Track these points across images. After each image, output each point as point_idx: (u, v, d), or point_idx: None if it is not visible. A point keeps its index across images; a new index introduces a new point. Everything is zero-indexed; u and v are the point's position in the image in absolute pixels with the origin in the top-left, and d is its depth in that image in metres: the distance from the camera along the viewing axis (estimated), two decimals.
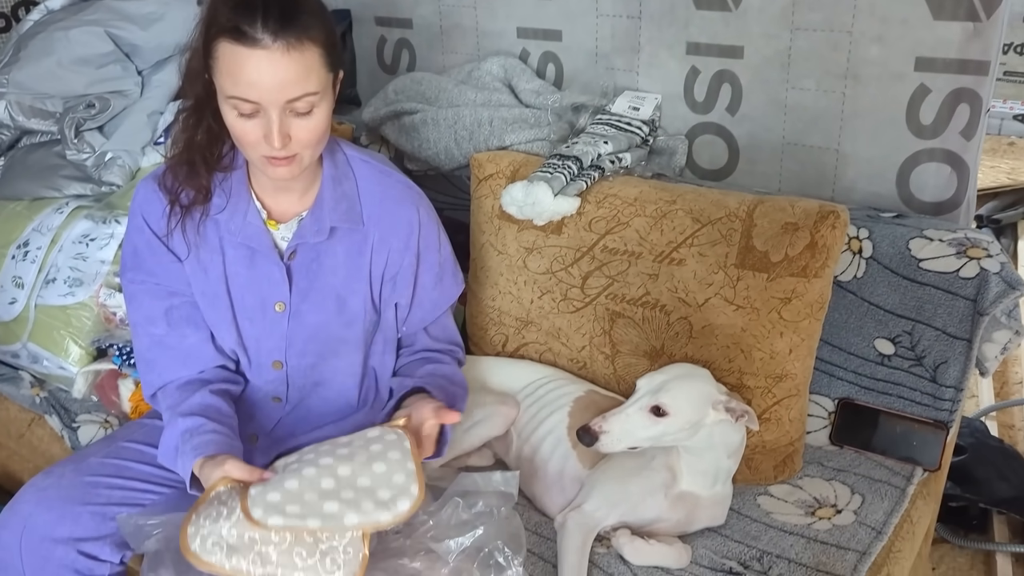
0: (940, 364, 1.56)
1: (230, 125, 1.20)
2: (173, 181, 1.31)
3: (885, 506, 1.48)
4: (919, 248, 1.56)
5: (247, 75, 1.13)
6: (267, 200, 1.35)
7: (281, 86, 1.14)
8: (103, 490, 1.30)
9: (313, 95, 1.17)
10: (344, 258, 1.36)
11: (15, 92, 1.97)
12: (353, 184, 1.37)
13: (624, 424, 1.34)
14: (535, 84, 2.06)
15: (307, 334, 1.38)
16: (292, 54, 1.13)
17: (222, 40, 1.14)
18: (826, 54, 1.72)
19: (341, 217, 1.34)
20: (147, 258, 1.35)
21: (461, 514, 1.24)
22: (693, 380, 1.40)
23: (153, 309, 1.36)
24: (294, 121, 1.18)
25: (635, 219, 1.65)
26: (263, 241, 1.33)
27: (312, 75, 1.16)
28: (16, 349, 1.87)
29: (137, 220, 1.35)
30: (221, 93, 1.18)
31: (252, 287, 1.35)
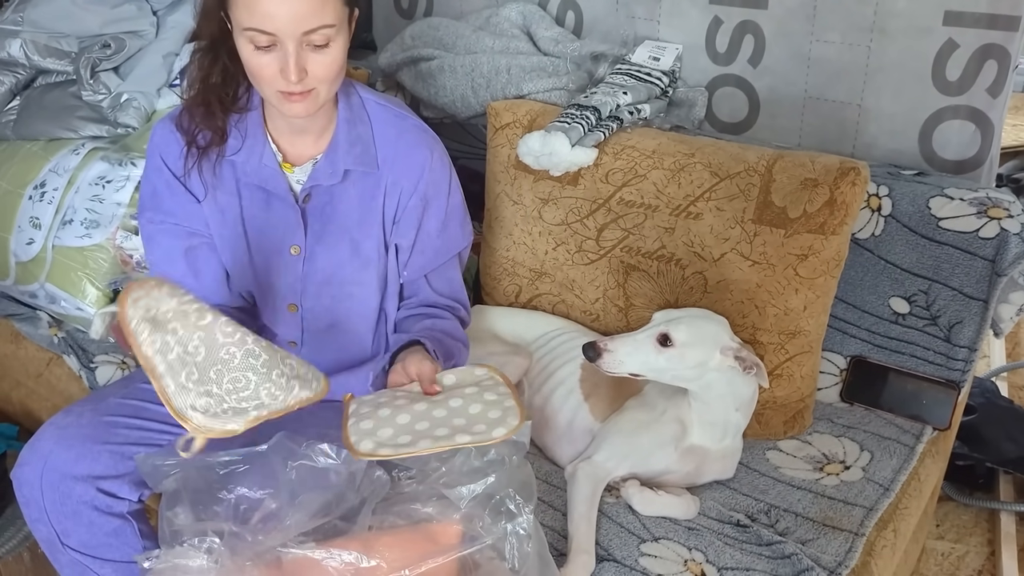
0: (955, 324, 1.56)
1: (246, 60, 1.20)
2: (190, 122, 1.31)
3: (893, 463, 1.49)
4: (939, 207, 1.55)
5: (264, 5, 1.13)
6: (283, 143, 1.35)
7: (297, 17, 1.14)
8: (121, 430, 1.31)
9: (329, 27, 1.17)
10: (358, 201, 1.36)
11: (30, 30, 1.96)
12: (368, 127, 1.36)
13: (629, 347, 1.35)
14: (554, 32, 2.03)
15: (321, 277, 1.38)
16: None
17: None
18: (852, 6, 1.68)
19: (355, 160, 1.34)
20: (166, 198, 1.35)
21: (473, 462, 1.26)
22: (707, 321, 1.40)
23: (172, 249, 1.37)
24: (310, 55, 1.18)
25: (652, 172, 1.64)
26: (278, 183, 1.33)
27: (328, 7, 1.16)
28: (34, 289, 1.89)
29: (155, 160, 1.36)
30: (237, 26, 1.17)
31: (268, 230, 1.36)
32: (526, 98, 1.90)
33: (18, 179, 1.92)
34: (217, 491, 1.22)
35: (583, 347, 1.37)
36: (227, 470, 1.23)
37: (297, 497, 1.20)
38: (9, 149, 1.99)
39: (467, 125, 2.09)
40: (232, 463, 1.24)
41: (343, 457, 1.20)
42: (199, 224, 1.36)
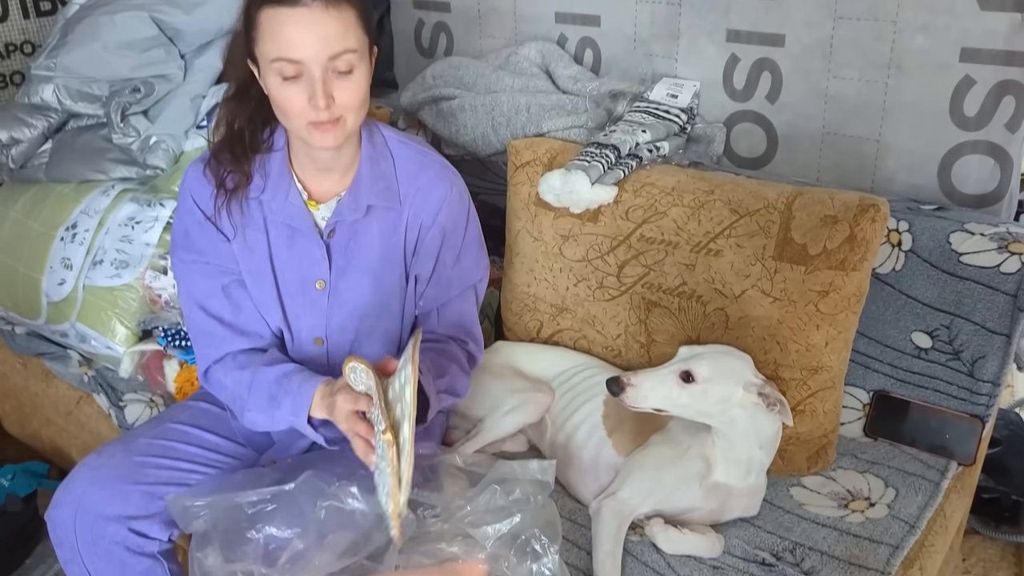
0: (978, 359, 1.56)
1: (274, 95, 1.24)
2: (218, 165, 1.36)
3: (919, 500, 1.48)
4: (960, 242, 1.55)
5: (289, 34, 1.19)
6: (308, 181, 1.39)
7: (322, 41, 1.19)
8: (151, 470, 1.34)
9: (352, 52, 1.22)
10: (380, 236, 1.39)
11: (63, 76, 2.01)
12: (390, 164, 1.40)
13: (653, 382, 1.36)
14: (573, 70, 2.06)
15: (346, 311, 1.41)
16: (330, 11, 1.19)
17: (264, 7, 1.20)
18: (869, 43, 1.70)
19: (378, 196, 1.37)
20: (198, 238, 1.39)
21: (498, 501, 1.27)
22: (731, 358, 1.41)
23: (208, 287, 1.40)
24: (336, 82, 1.23)
25: (672, 208, 1.65)
26: (304, 220, 1.37)
27: (350, 32, 1.21)
28: (65, 328, 1.92)
29: (187, 201, 1.39)
30: (264, 60, 1.23)
31: (294, 265, 1.39)
32: (546, 136, 1.93)
33: (50, 221, 1.97)
34: (246, 531, 1.24)
35: (607, 382, 1.39)
36: (255, 509, 1.25)
37: (325, 537, 1.22)
38: (41, 191, 2.04)
39: (487, 161, 2.12)
40: (260, 502, 1.26)
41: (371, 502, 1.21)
42: (230, 262, 1.39)
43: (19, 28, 2.30)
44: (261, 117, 1.35)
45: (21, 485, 2.00)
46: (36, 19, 2.31)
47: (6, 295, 2.04)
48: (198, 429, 1.43)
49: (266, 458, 1.44)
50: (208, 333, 1.40)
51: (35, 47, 2.32)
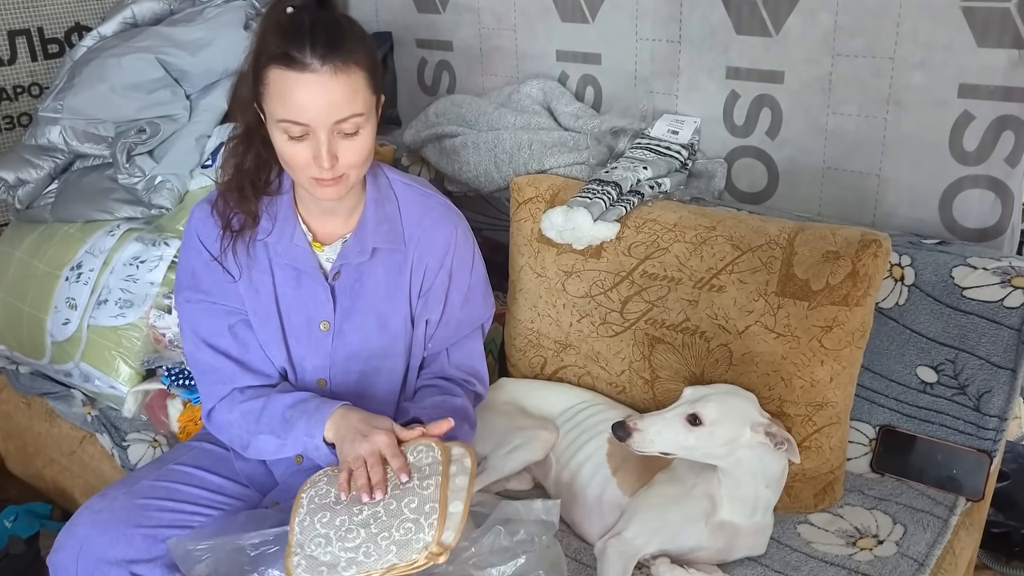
0: (984, 393, 1.55)
1: (280, 149, 1.25)
2: (224, 206, 1.36)
3: (927, 537, 1.47)
4: (962, 276, 1.55)
5: (297, 98, 1.19)
6: (313, 223, 1.39)
7: (330, 107, 1.19)
8: (154, 512, 1.33)
9: (359, 116, 1.22)
10: (385, 278, 1.40)
11: (69, 117, 2.03)
12: (395, 206, 1.41)
13: (659, 426, 1.36)
14: (574, 107, 2.08)
15: (349, 352, 1.41)
16: (339, 77, 1.19)
17: (272, 67, 1.19)
18: (868, 80, 1.72)
19: (383, 238, 1.38)
20: (204, 278, 1.39)
21: (503, 542, 1.26)
22: (736, 398, 1.40)
23: (215, 326, 1.40)
24: (341, 142, 1.23)
25: (675, 244, 1.66)
26: (309, 262, 1.37)
27: (358, 97, 1.21)
28: (69, 368, 1.93)
29: (193, 241, 1.40)
30: (271, 118, 1.23)
31: (298, 306, 1.39)
32: (548, 173, 1.94)
33: (55, 260, 1.98)
34: (248, 573, 1.23)
35: (612, 427, 1.38)
36: (258, 551, 1.24)
37: None
38: (47, 231, 2.06)
39: (490, 198, 2.13)
40: (263, 544, 1.25)
41: None
42: (236, 302, 1.40)
43: (27, 70, 2.33)
44: (267, 159, 1.35)
45: (23, 526, 1.99)
46: (44, 61, 2.34)
47: (11, 335, 2.05)
48: (201, 470, 1.42)
49: (269, 499, 1.43)
50: (216, 370, 1.40)
51: (42, 89, 2.35)
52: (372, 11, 2.51)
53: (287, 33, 1.19)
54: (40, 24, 2.32)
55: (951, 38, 1.60)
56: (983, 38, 1.57)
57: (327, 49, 1.18)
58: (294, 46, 1.17)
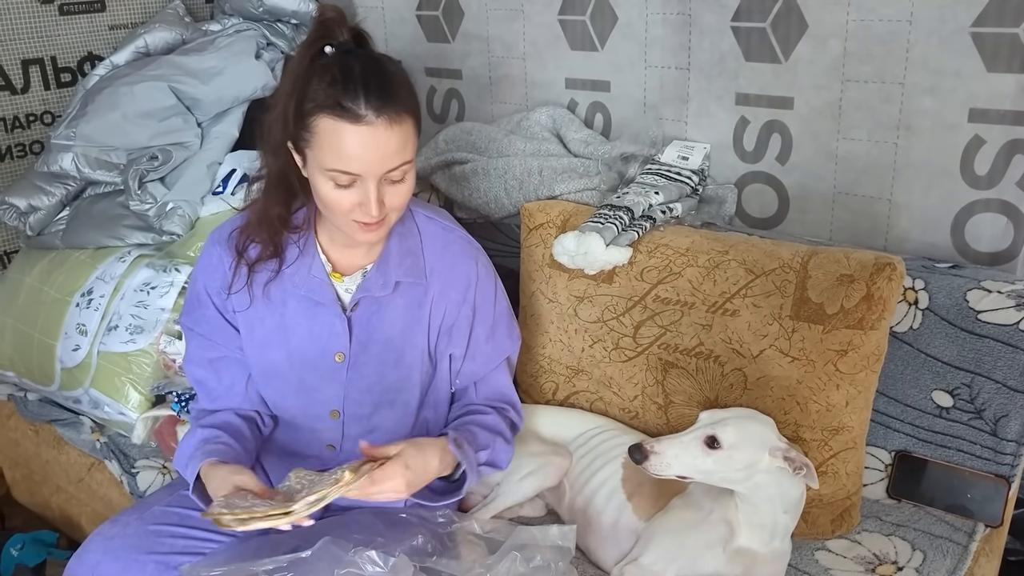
0: (1001, 417, 1.54)
1: (323, 195, 1.23)
2: (245, 239, 1.35)
3: (947, 564, 1.45)
4: (977, 300, 1.55)
5: (350, 149, 1.17)
6: (333, 253, 1.38)
7: (383, 158, 1.19)
8: (166, 539, 1.32)
9: (408, 163, 1.23)
10: (404, 311, 1.38)
11: (82, 145, 2.04)
12: (417, 240, 1.40)
13: (676, 449, 1.34)
14: (584, 134, 2.09)
15: (364, 385, 1.40)
16: (394, 128, 1.18)
17: (322, 115, 1.17)
18: (877, 105, 1.73)
19: (406, 272, 1.37)
20: (195, 309, 1.41)
21: (519, 568, 1.25)
22: (755, 422, 1.39)
23: (200, 355, 1.42)
24: (388, 188, 1.23)
25: (687, 269, 1.66)
26: (326, 293, 1.36)
27: (408, 145, 1.22)
28: (78, 395, 1.92)
29: (195, 275, 1.41)
30: (317, 165, 1.21)
31: (312, 337, 1.38)
32: (559, 198, 1.94)
33: (66, 287, 1.98)
34: None
35: (629, 449, 1.37)
36: None
37: None
38: (58, 258, 2.06)
39: (500, 224, 2.14)
40: (276, 571, 1.23)
41: (390, 565, 1.19)
42: (224, 340, 1.40)
43: (40, 99, 2.34)
44: (295, 198, 1.34)
45: (30, 555, 1.97)
46: (56, 90, 2.36)
47: (20, 362, 2.04)
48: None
49: None
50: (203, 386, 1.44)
51: (55, 117, 2.36)
52: (382, 40, 2.54)
53: (337, 81, 1.16)
54: (53, 53, 2.34)
55: (961, 63, 1.61)
56: (993, 63, 1.58)
57: (381, 101, 1.16)
58: (347, 96, 1.16)
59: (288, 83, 1.21)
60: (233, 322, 1.40)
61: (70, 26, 2.36)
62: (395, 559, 1.22)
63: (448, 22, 2.36)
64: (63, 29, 2.34)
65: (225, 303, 1.38)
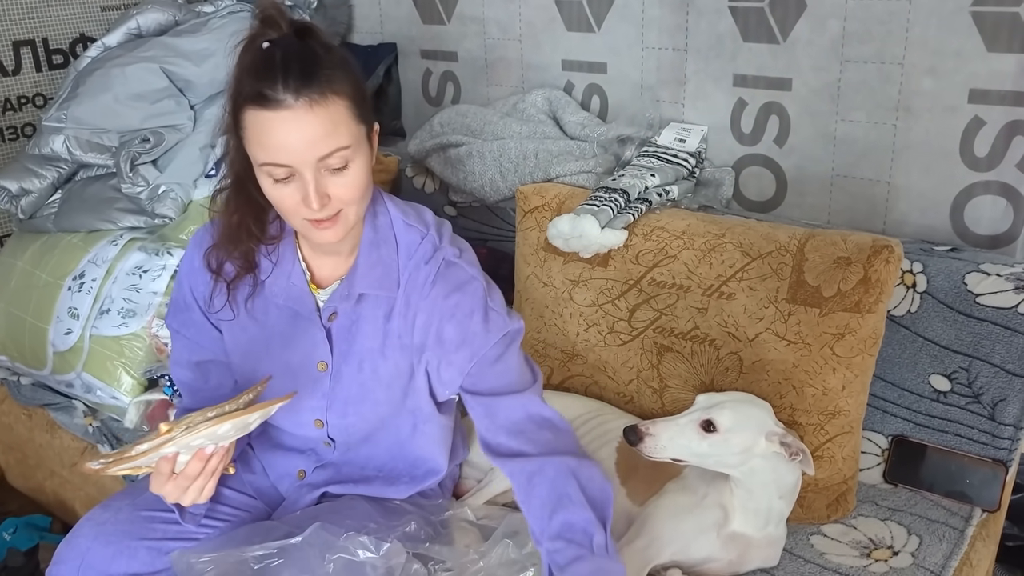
0: (999, 402, 1.53)
1: (268, 193, 1.17)
2: (218, 257, 1.29)
3: (944, 548, 1.44)
4: (976, 283, 1.53)
5: (274, 138, 1.10)
6: (313, 263, 1.32)
7: (309, 143, 1.10)
8: (158, 524, 1.30)
9: (344, 149, 1.13)
10: (383, 322, 1.31)
11: (73, 127, 2.02)
12: (393, 249, 1.30)
13: (672, 432, 1.33)
14: (580, 116, 2.07)
15: (346, 395, 1.34)
16: (316, 110, 1.09)
17: (248, 108, 1.11)
18: (876, 86, 1.71)
19: (373, 284, 1.29)
20: (182, 311, 1.37)
21: (511, 554, 1.24)
22: (751, 406, 1.38)
23: (184, 357, 1.38)
24: (330, 179, 1.14)
25: (683, 252, 1.64)
26: (305, 303, 1.31)
27: (341, 128, 1.12)
28: (71, 379, 1.91)
29: (180, 279, 1.36)
30: (254, 162, 1.15)
31: (294, 347, 1.33)
32: (554, 181, 1.93)
33: (58, 270, 1.96)
34: None
35: (624, 431, 1.36)
36: (261, 564, 1.22)
37: None
38: (50, 241, 2.04)
39: (495, 208, 2.12)
40: (267, 557, 1.23)
41: (382, 551, 1.18)
42: (209, 343, 1.36)
43: (31, 81, 2.32)
44: (264, 206, 1.25)
45: (22, 539, 1.97)
46: (48, 72, 2.34)
47: (12, 345, 2.03)
48: None
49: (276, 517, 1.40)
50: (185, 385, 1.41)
51: (46, 100, 2.34)
52: (377, 23, 2.51)
53: (258, 69, 1.09)
54: (45, 35, 2.32)
55: (961, 43, 1.59)
56: (993, 43, 1.56)
57: (300, 82, 1.08)
58: (266, 83, 1.08)
59: (229, 85, 1.15)
60: (219, 327, 1.36)
61: (62, 7, 2.33)
62: (388, 545, 1.21)
63: (443, 4, 2.34)
64: (54, 10, 2.32)
65: (210, 310, 1.34)
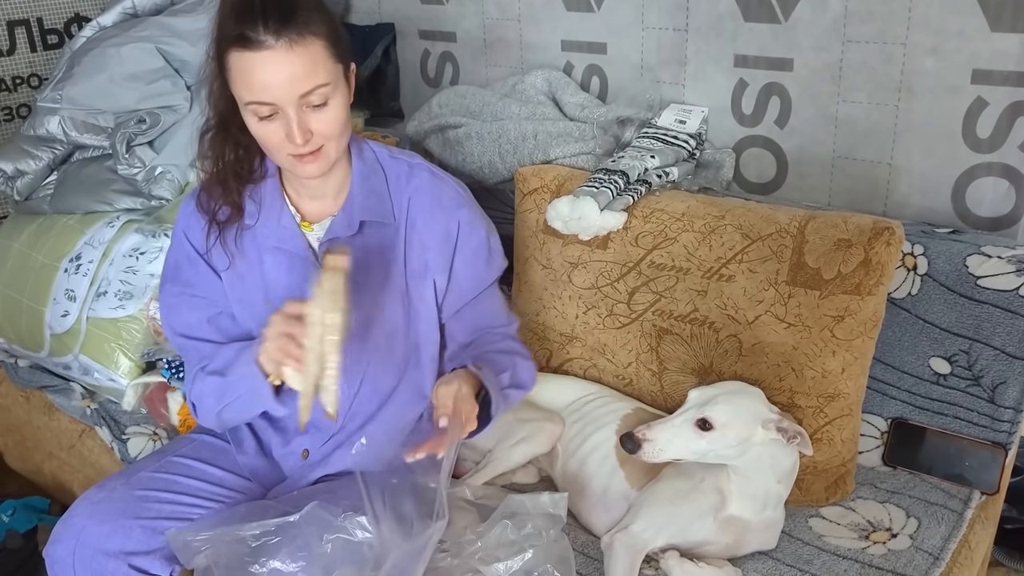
0: (999, 385, 1.52)
1: (253, 131, 1.23)
2: (208, 200, 1.34)
3: (942, 531, 1.44)
4: (977, 265, 1.52)
5: (258, 78, 1.17)
6: (301, 204, 1.37)
7: (291, 81, 1.17)
8: (153, 504, 1.30)
9: (324, 86, 1.20)
10: (377, 254, 1.37)
11: (68, 108, 2.00)
12: (382, 179, 1.39)
13: (668, 434, 1.33)
14: (579, 97, 2.05)
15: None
16: (296, 49, 1.16)
17: (231, 50, 1.17)
18: (879, 66, 1.69)
19: (371, 211, 1.36)
20: (187, 270, 1.38)
21: (509, 535, 1.24)
22: (744, 397, 1.37)
23: (193, 317, 1.38)
24: (312, 115, 1.21)
25: (683, 234, 1.63)
26: (298, 243, 1.35)
27: (319, 67, 1.19)
28: (68, 361, 1.90)
29: (179, 236, 1.39)
30: (240, 102, 1.21)
31: (292, 289, 1.35)
32: (553, 163, 1.91)
33: (54, 252, 1.95)
34: (249, 565, 1.21)
35: (620, 439, 1.35)
36: (259, 543, 1.22)
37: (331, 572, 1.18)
38: (46, 223, 2.03)
39: (495, 190, 2.10)
40: (264, 535, 1.23)
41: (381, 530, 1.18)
42: (218, 295, 1.38)
43: (26, 61, 2.30)
44: (248, 147, 1.32)
45: (21, 521, 1.97)
46: (43, 52, 2.32)
47: (10, 327, 2.03)
48: (201, 462, 1.40)
49: (272, 496, 1.40)
50: (198, 350, 1.38)
51: (42, 80, 2.33)
52: (375, 3, 2.49)
53: (238, 13, 1.16)
54: (39, 14, 2.30)
55: (964, 23, 1.57)
56: (997, 23, 1.54)
57: (280, 23, 1.15)
58: (247, 25, 1.15)
59: (211, 30, 1.21)
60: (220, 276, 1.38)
61: None
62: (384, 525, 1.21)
63: None
64: None
65: (210, 259, 1.36)
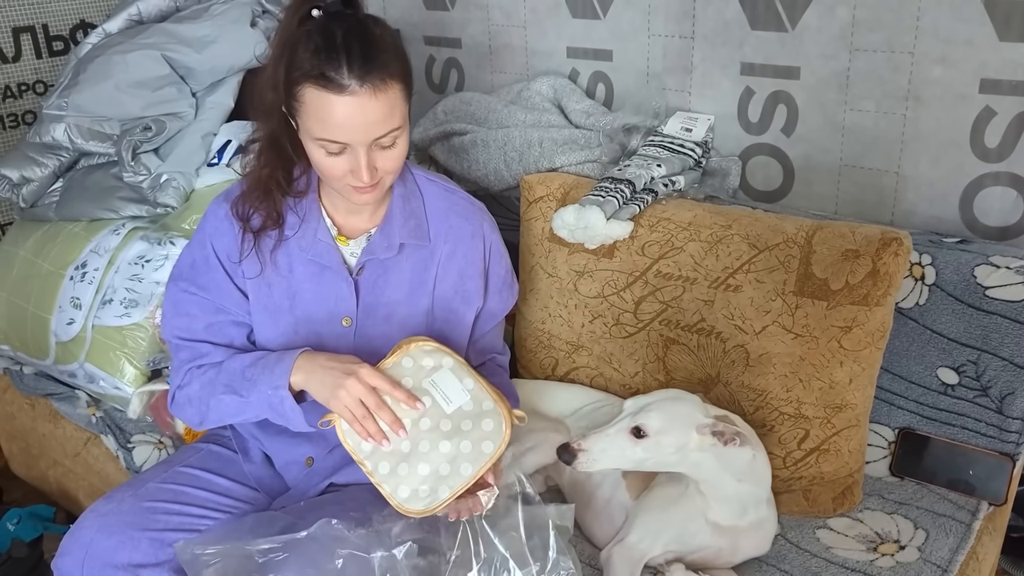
0: (1007, 395, 1.52)
1: (316, 162, 1.24)
2: (245, 207, 1.34)
3: (950, 542, 1.43)
4: (985, 275, 1.52)
5: (336, 119, 1.17)
6: (338, 218, 1.38)
7: (369, 127, 1.18)
8: (161, 515, 1.30)
9: (397, 129, 1.21)
10: (410, 274, 1.38)
11: (74, 115, 2.00)
12: (420, 202, 1.40)
13: (603, 443, 1.32)
14: (585, 104, 2.05)
15: (371, 348, 1.37)
16: (378, 96, 1.16)
17: (307, 85, 1.16)
18: (886, 75, 1.68)
19: (410, 234, 1.37)
20: (203, 273, 1.37)
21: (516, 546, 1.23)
22: (678, 403, 1.36)
23: (195, 319, 1.38)
24: (379, 154, 1.22)
25: (689, 244, 1.63)
26: (332, 257, 1.35)
27: (396, 111, 1.20)
28: (73, 369, 1.90)
29: (203, 238, 1.38)
30: (307, 134, 1.22)
31: (320, 302, 1.37)
32: (559, 171, 1.91)
33: (60, 260, 1.95)
34: None
35: (557, 450, 1.34)
36: (266, 558, 1.22)
37: None
38: (51, 230, 2.03)
39: (500, 197, 2.10)
40: (271, 551, 1.22)
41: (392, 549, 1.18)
42: (228, 303, 1.37)
43: (32, 68, 2.30)
44: (293, 160, 1.33)
45: (27, 529, 1.96)
46: (48, 59, 2.32)
47: (15, 335, 2.02)
48: (208, 473, 1.40)
49: (277, 505, 1.40)
50: (193, 348, 1.37)
51: (47, 87, 2.32)
52: (380, 8, 2.49)
53: (320, 50, 1.15)
54: (45, 21, 2.29)
55: (972, 32, 1.57)
56: (1005, 32, 1.54)
57: (364, 68, 1.15)
58: (330, 65, 1.14)
59: (276, 48, 1.20)
60: (242, 287, 1.37)
61: None
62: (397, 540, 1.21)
63: None
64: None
65: (235, 268, 1.36)
